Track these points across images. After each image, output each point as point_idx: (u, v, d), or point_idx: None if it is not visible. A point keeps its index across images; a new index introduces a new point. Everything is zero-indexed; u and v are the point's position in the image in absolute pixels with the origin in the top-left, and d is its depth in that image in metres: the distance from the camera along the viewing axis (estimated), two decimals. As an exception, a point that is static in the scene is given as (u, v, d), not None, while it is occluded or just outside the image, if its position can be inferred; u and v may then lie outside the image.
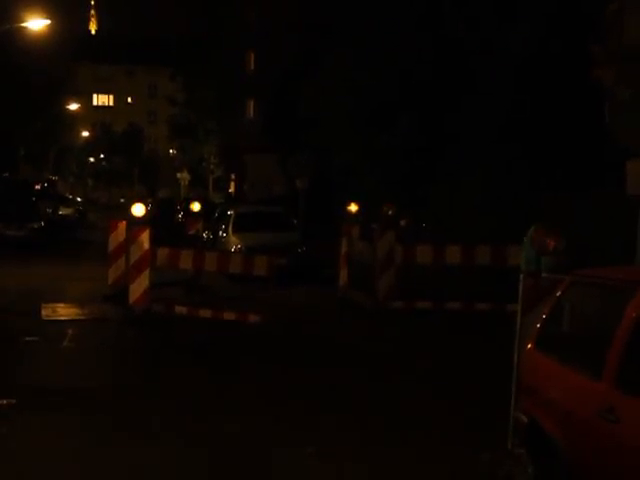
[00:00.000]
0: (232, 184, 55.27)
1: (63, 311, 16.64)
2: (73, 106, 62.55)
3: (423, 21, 24.19)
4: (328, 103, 27.81)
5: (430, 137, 23.97)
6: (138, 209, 16.42)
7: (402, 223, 21.99)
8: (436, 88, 23.80)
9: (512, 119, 20.12)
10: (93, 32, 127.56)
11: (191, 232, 24.10)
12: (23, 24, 33.47)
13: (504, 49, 20.57)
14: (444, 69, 23.56)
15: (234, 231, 23.62)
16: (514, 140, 19.99)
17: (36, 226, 32.18)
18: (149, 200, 48.67)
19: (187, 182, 65.08)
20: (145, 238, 16.13)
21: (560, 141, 19.00)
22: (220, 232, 24.87)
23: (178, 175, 68.39)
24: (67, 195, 61.00)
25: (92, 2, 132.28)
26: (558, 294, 6.58)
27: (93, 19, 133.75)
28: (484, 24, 21.83)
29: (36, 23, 32.93)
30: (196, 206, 25.71)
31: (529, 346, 6.79)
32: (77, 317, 16.15)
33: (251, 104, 50.82)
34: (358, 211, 19.60)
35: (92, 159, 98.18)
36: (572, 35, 17.69)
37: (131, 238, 16.38)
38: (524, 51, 19.90)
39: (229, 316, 15.67)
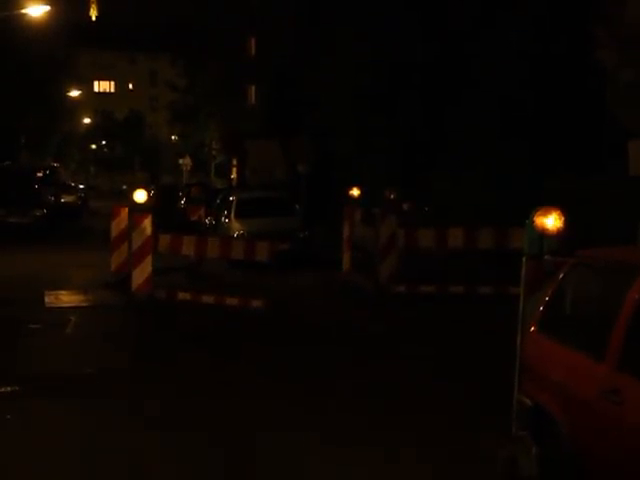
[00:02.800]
0: (234, 170, 55.15)
1: (66, 298, 16.65)
2: (74, 93, 62.44)
3: (427, 14, 24.13)
4: (330, 86, 27.77)
5: (432, 122, 23.94)
6: (140, 195, 16.40)
7: (405, 207, 21.98)
8: (438, 74, 23.77)
9: (514, 103, 20.09)
10: (94, 18, 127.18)
11: (193, 218, 24.08)
12: (23, 11, 33.32)
13: (506, 34, 20.53)
14: (446, 54, 23.52)
15: (236, 217, 23.59)
16: (516, 124, 19.97)
17: (38, 213, 32.17)
18: (151, 187, 48.62)
19: (189, 168, 64.95)
20: (147, 224, 16.14)
21: (562, 125, 18.97)
22: (222, 218, 24.85)
23: (180, 161, 68.31)
24: (69, 182, 60.90)
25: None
26: (561, 276, 6.56)
27: (94, 5, 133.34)
28: (487, 13, 21.79)
29: (36, 10, 32.75)
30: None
31: (532, 329, 6.77)
32: (80, 304, 16.17)
33: (252, 89, 50.65)
34: (360, 195, 19.58)
35: (94, 146, 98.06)
36: (574, 19, 17.64)
37: (133, 225, 16.38)
38: (526, 36, 19.86)
39: (232, 302, 15.67)
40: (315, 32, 32.20)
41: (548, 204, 7.78)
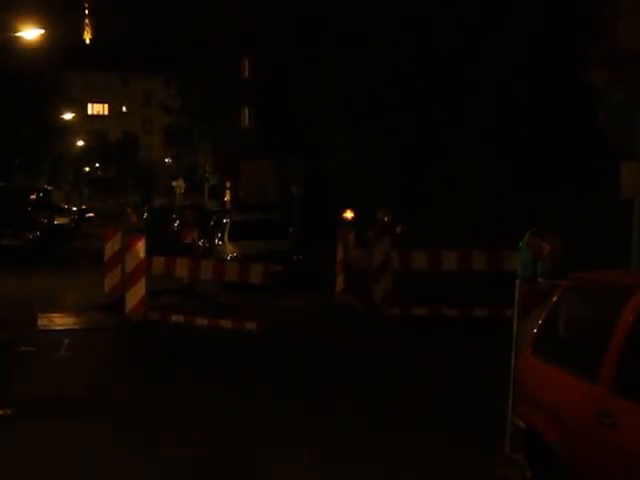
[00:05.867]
0: (227, 192, 55.21)
1: (59, 320, 16.60)
2: (68, 115, 62.56)
3: (423, 34, 24.23)
4: (325, 107, 27.83)
5: (427, 142, 23.97)
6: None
7: (398, 229, 22.00)
8: (429, 88, 23.83)
9: (507, 119, 20.15)
10: (87, 41, 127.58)
11: (187, 240, 24.07)
12: (17, 33, 33.43)
13: (497, 48, 20.64)
14: (436, 69, 23.61)
15: (230, 239, 23.60)
16: (512, 143, 20.01)
17: (32, 236, 32.11)
18: (145, 209, 48.63)
19: (182, 190, 65.01)
20: (141, 247, 16.13)
21: (556, 142, 19.04)
22: (216, 240, 24.85)
23: (173, 183, 68.36)
24: (62, 204, 61.02)
25: (86, 11, 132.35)
26: (554, 299, 6.58)
27: (87, 28, 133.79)
28: (476, 23, 21.93)
29: (30, 32, 32.89)
30: None
31: (526, 351, 6.78)
32: (73, 326, 16.12)
33: (246, 111, 50.82)
34: (354, 217, 19.61)
35: (87, 168, 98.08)
36: (564, 34, 17.76)
37: (127, 247, 16.38)
38: (515, 49, 19.98)
39: (225, 324, 15.66)
40: (308, 52, 32.30)
41: (546, 222, 7.81)
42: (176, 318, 16.19)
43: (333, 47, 27.62)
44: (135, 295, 16.06)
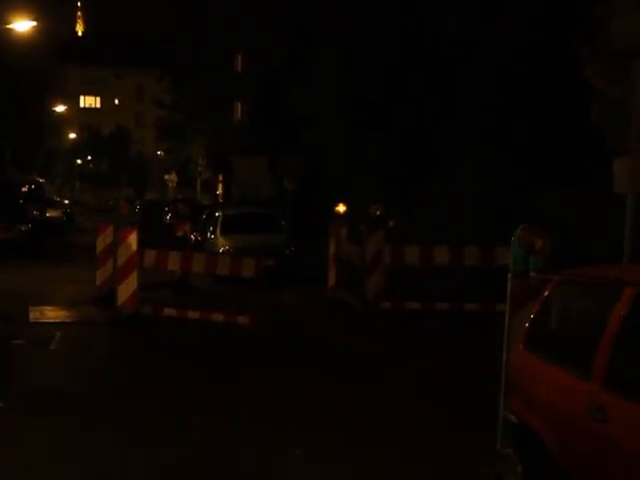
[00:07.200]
0: (220, 186, 55.14)
1: (51, 314, 16.56)
2: (60, 108, 62.41)
3: (422, 34, 24.22)
4: (317, 101, 27.79)
5: (426, 139, 23.96)
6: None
7: (391, 224, 22.01)
8: (428, 89, 23.82)
9: (505, 119, 20.16)
10: (80, 34, 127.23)
11: (179, 234, 24.06)
12: (8, 26, 33.30)
13: (492, 48, 20.64)
14: (435, 69, 23.60)
15: (222, 233, 23.58)
16: (511, 142, 20.02)
17: (23, 228, 32.00)
18: (137, 202, 48.60)
19: (175, 184, 64.92)
20: (133, 240, 16.10)
21: (554, 142, 19.04)
22: (208, 234, 24.83)
23: (166, 177, 68.26)
24: (54, 197, 60.93)
25: (78, 3, 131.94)
26: (546, 294, 6.57)
27: (80, 20, 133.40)
28: (472, 23, 21.92)
29: (22, 25, 32.78)
30: None
31: (518, 346, 6.78)
32: (65, 320, 16.08)
33: (239, 105, 50.74)
34: (346, 212, 19.60)
35: (79, 161, 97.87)
36: (560, 33, 17.75)
37: (119, 240, 16.34)
38: (513, 49, 19.98)
39: (218, 318, 15.64)
40: (304, 48, 32.25)
41: (543, 220, 7.79)
42: (168, 312, 16.16)
43: (332, 47, 27.57)
44: (127, 288, 16.02)
